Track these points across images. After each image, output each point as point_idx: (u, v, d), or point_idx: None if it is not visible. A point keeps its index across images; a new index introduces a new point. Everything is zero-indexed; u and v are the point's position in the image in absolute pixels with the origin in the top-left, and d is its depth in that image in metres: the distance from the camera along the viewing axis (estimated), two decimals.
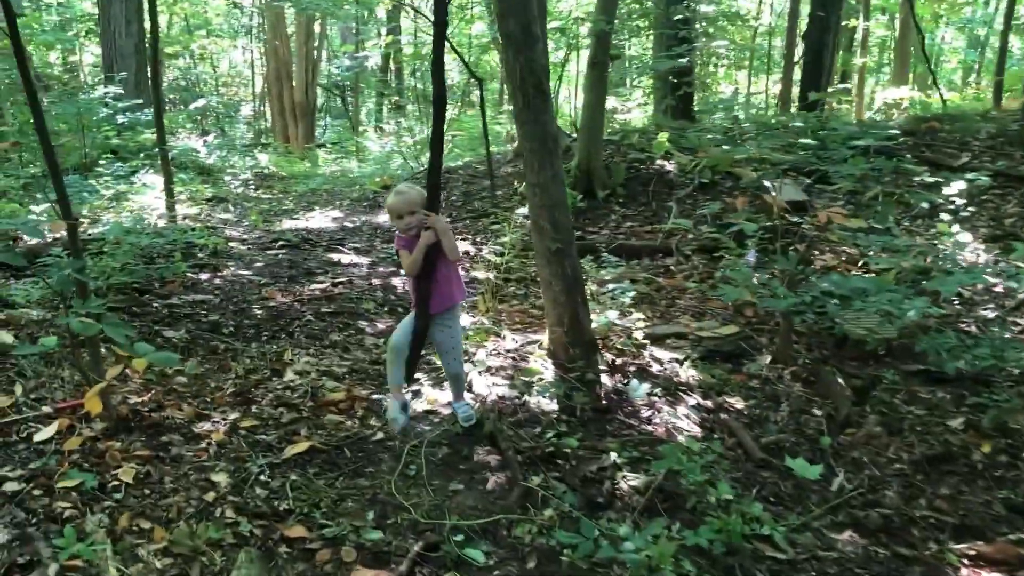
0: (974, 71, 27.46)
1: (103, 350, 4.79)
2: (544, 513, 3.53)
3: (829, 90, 11.25)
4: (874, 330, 4.36)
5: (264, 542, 3.39)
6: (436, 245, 3.93)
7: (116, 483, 3.73)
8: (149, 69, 10.84)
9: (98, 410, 3.52)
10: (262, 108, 29.14)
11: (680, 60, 11.17)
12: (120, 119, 12.62)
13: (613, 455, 3.97)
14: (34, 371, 4.76)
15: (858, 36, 18.22)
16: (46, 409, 4.33)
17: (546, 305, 4.98)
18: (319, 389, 4.79)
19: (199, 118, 21.61)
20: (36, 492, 3.62)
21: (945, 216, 6.78)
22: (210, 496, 3.68)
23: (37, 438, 4.03)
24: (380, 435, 4.28)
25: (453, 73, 23.72)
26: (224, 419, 4.40)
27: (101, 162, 11.33)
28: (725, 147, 6.15)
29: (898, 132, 7.15)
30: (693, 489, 3.66)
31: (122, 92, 13.16)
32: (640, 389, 4.50)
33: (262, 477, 3.87)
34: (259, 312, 6.03)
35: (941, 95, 12.46)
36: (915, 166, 6.38)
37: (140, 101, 13.16)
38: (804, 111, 10.09)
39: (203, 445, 4.13)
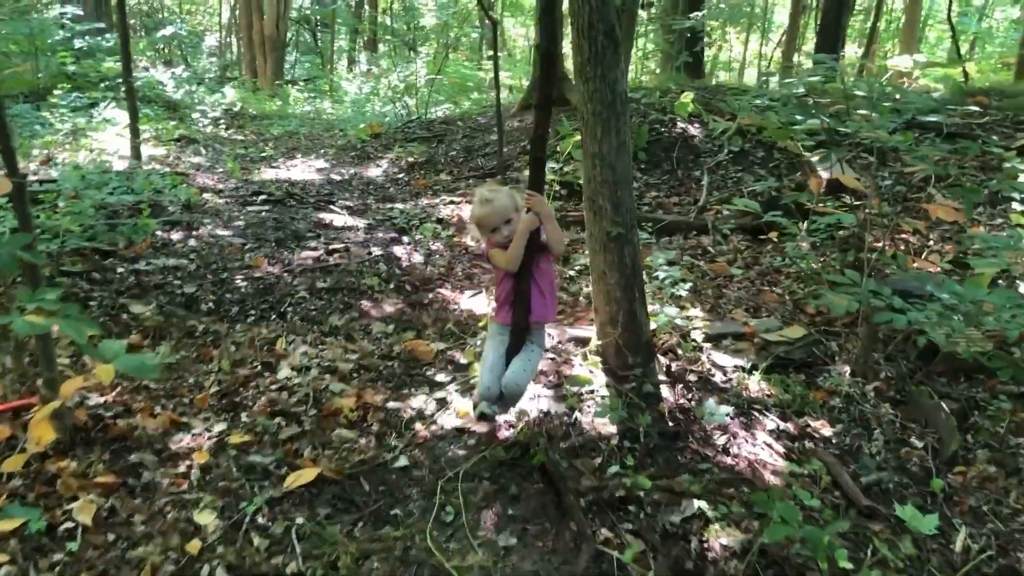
0: (966, 40, 26.77)
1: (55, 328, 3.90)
2: None
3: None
4: (1003, 354, 3.64)
5: None
6: (535, 234, 3.19)
7: (70, 524, 2.89)
8: None
9: (48, 439, 2.65)
10: (228, 40, 27.66)
11: (698, 14, 10.30)
12: (78, 43, 11.39)
13: (696, 503, 3.20)
14: None
15: None
16: None
17: (596, 299, 4.17)
18: (322, 392, 3.95)
19: (163, 47, 20.19)
20: None
21: (1017, 206, 6.06)
22: (194, 546, 2.85)
23: None
24: (404, 460, 3.46)
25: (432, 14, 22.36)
26: (208, 431, 3.55)
27: (56, 91, 10.14)
28: (782, 115, 5.35)
29: (980, 109, 6.41)
30: (805, 555, 2.92)
31: (81, 13, 11.91)
32: (719, 412, 3.72)
33: (259, 518, 3.05)
34: (243, 284, 5.12)
35: (964, 67, 11.70)
36: (1003, 150, 5.63)
37: (102, 25, 11.94)
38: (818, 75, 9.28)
39: (182, 468, 3.29)
